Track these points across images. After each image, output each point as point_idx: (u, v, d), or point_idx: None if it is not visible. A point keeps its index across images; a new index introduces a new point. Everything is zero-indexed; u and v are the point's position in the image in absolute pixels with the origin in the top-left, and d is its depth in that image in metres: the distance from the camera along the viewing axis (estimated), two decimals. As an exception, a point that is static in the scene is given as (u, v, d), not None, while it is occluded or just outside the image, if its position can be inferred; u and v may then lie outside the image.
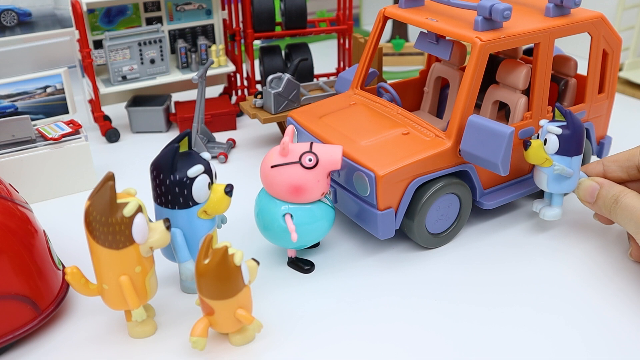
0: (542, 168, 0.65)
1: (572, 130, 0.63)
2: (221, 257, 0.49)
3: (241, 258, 0.50)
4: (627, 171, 0.67)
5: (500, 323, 0.58)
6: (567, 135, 0.63)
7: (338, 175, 0.67)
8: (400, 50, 1.21)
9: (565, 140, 0.63)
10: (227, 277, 0.50)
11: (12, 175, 0.75)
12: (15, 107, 0.82)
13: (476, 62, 0.63)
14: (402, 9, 0.74)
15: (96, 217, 0.49)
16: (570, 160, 0.64)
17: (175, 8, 0.98)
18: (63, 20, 0.98)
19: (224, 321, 0.52)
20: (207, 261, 0.50)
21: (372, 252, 0.68)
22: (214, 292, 0.51)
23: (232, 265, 0.50)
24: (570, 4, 0.68)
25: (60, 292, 0.59)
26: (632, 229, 0.60)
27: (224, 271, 0.50)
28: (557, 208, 0.67)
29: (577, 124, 0.64)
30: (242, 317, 0.52)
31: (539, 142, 0.64)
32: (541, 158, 0.64)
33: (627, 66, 1.13)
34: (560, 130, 0.63)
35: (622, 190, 0.63)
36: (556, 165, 0.64)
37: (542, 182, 0.66)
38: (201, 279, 0.50)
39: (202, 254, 0.50)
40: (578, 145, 0.64)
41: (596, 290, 0.62)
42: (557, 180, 0.65)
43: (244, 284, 0.52)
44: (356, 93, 0.78)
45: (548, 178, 0.65)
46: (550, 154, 0.64)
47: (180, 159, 0.56)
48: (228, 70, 0.99)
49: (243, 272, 0.51)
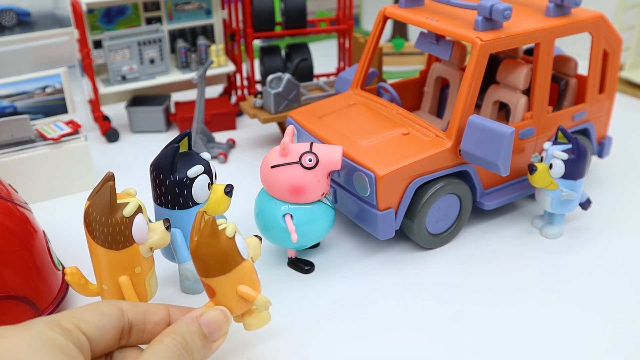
0: (547, 191, 0.66)
1: (578, 155, 0.64)
2: (210, 230, 0.47)
3: (233, 230, 0.48)
4: None
5: (501, 323, 0.57)
6: (573, 160, 0.64)
7: (338, 175, 0.66)
8: (400, 50, 1.21)
9: (571, 165, 0.64)
10: (220, 251, 0.47)
11: (12, 175, 0.75)
12: (15, 107, 0.82)
13: (476, 62, 0.63)
14: (402, 8, 0.74)
15: (96, 218, 0.49)
16: (574, 184, 0.65)
17: (175, 8, 0.98)
18: (62, 20, 0.97)
19: (228, 301, 0.49)
20: (197, 237, 0.47)
21: (372, 252, 0.68)
22: (209, 268, 0.48)
23: (224, 237, 0.48)
24: (570, 4, 0.68)
25: (60, 292, 0.59)
26: None
27: (215, 244, 0.47)
28: (559, 227, 0.69)
29: (582, 149, 0.64)
30: (244, 293, 0.49)
31: (544, 167, 0.65)
32: (546, 181, 0.65)
33: (628, 66, 1.13)
34: (567, 156, 0.63)
35: None
36: (563, 191, 0.64)
37: (546, 204, 0.67)
38: (195, 257, 0.48)
39: (193, 232, 0.48)
40: (583, 169, 0.65)
41: (596, 290, 0.62)
42: (562, 202, 0.66)
43: (243, 258, 0.49)
44: (356, 93, 0.77)
45: (552, 200, 0.66)
46: (555, 177, 0.65)
47: (180, 159, 0.55)
48: (228, 70, 0.99)
49: (239, 244, 0.48)
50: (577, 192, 0.65)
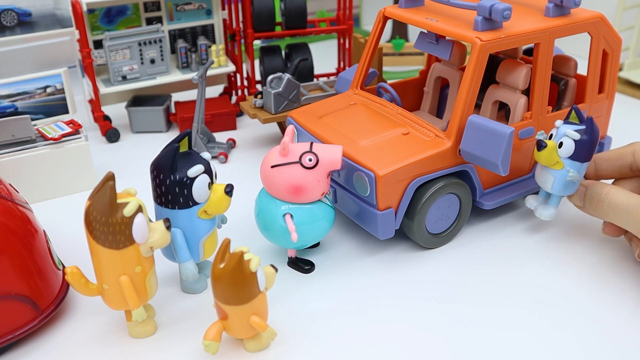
0: (551, 170, 0.64)
1: (590, 136, 0.62)
2: (237, 262, 0.49)
3: (257, 264, 0.50)
4: (618, 170, 0.66)
5: (501, 323, 0.58)
6: (585, 140, 0.62)
7: (338, 175, 0.67)
8: (400, 50, 1.21)
9: (582, 145, 0.62)
10: (241, 283, 0.49)
11: (12, 175, 0.75)
12: (15, 107, 0.82)
13: (476, 62, 0.63)
14: (402, 9, 0.74)
15: (96, 217, 0.49)
16: (580, 166, 0.63)
17: (175, 8, 0.98)
18: (63, 20, 0.98)
19: (238, 327, 0.52)
20: (223, 265, 0.49)
21: (372, 252, 0.68)
22: (228, 297, 0.50)
23: (248, 271, 0.49)
24: (570, 4, 0.68)
25: (60, 292, 0.59)
26: (630, 226, 0.60)
27: (238, 276, 0.49)
28: (553, 208, 0.67)
29: (595, 131, 0.63)
30: (255, 324, 0.51)
31: (553, 144, 0.63)
32: (553, 160, 0.63)
33: (627, 66, 1.13)
34: (579, 136, 0.62)
35: (605, 190, 0.62)
36: (570, 172, 0.63)
37: (547, 183, 0.65)
38: (216, 283, 0.50)
39: (218, 258, 0.49)
40: (591, 152, 0.63)
41: (596, 290, 0.62)
42: (564, 184, 0.64)
43: (259, 291, 0.51)
44: (356, 93, 0.78)
45: (555, 180, 0.64)
46: (562, 157, 0.63)
47: (181, 159, 0.56)
48: (228, 70, 0.99)
49: (259, 278, 0.50)
50: (581, 175, 0.64)
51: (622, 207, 0.60)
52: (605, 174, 0.67)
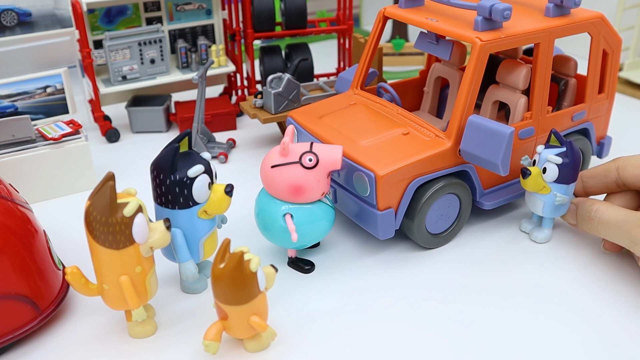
0: (539, 195, 0.65)
1: (572, 159, 0.64)
2: (237, 262, 0.49)
3: (257, 264, 0.50)
4: (605, 186, 0.67)
5: (501, 323, 0.58)
6: (567, 163, 0.63)
7: (338, 175, 0.67)
8: (400, 50, 1.21)
9: (565, 167, 0.63)
10: (241, 283, 0.50)
11: (12, 175, 0.75)
12: (15, 107, 0.82)
13: (476, 62, 0.63)
14: (402, 9, 0.74)
15: (96, 217, 0.49)
16: (567, 188, 0.65)
17: (175, 8, 0.98)
18: (63, 20, 0.98)
19: (238, 327, 0.52)
20: (223, 265, 0.49)
21: (372, 252, 0.68)
22: (228, 297, 0.50)
23: (248, 271, 0.49)
24: (570, 4, 0.68)
25: (61, 292, 0.59)
26: (622, 241, 0.60)
27: (238, 276, 0.49)
28: (548, 229, 0.68)
29: (576, 153, 0.64)
30: (255, 324, 0.51)
31: (537, 171, 0.64)
32: (539, 186, 0.64)
33: (627, 66, 1.13)
34: (561, 160, 0.63)
35: (595, 207, 0.63)
36: (558, 196, 0.64)
37: (537, 208, 0.66)
38: (216, 283, 0.50)
39: (218, 258, 0.49)
40: (576, 173, 0.65)
41: (596, 290, 0.62)
42: (554, 207, 0.66)
43: (260, 291, 0.51)
44: (356, 93, 0.78)
45: (544, 204, 0.66)
46: (548, 182, 0.64)
47: (181, 159, 0.56)
48: (228, 70, 0.99)
49: (259, 278, 0.50)
50: (569, 196, 0.65)
51: (612, 223, 0.61)
52: (593, 190, 0.68)
